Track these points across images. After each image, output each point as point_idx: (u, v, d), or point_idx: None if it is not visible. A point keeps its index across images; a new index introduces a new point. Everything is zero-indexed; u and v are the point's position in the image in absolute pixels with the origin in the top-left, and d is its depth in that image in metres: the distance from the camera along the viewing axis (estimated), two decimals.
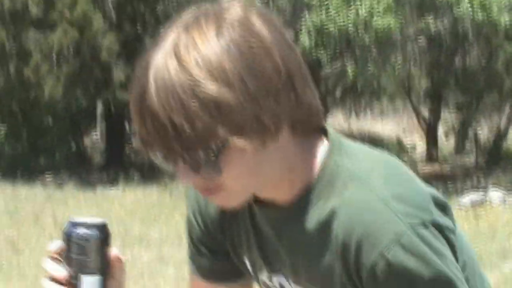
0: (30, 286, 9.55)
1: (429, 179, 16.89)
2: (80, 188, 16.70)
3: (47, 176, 17.98)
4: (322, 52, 17.98)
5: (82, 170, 18.76)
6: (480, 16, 17.55)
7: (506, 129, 21.37)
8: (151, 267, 10.58)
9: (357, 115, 22.09)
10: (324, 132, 1.65)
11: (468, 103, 20.84)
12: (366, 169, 1.62)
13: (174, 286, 9.76)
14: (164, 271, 10.35)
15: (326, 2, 17.89)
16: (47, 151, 19.84)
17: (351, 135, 21.73)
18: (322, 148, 1.64)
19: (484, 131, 21.22)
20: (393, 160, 1.71)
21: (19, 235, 12.39)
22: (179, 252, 10.81)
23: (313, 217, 1.62)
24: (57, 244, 1.58)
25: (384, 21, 17.56)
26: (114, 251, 1.66)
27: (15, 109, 20.46)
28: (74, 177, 17.79)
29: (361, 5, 17.56)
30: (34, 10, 20.07)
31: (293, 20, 18.71)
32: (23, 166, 18.57)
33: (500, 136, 20.79)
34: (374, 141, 22.37)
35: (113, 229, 5.45)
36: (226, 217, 1.77)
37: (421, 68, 20.21)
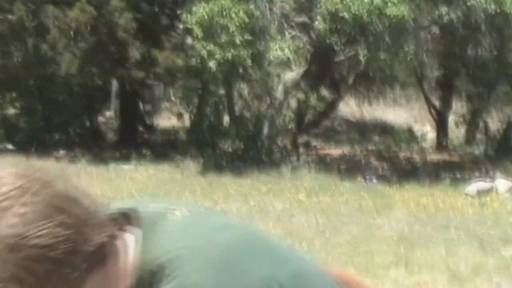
0: None
1: (437, 167, 17.66)
2: (93, 163, 17.17)
3: (61, 151, 18.37)
4: (336, 38, 17.87)
5: (95, 147, 19.10)
6: (492, 7, 17.65)
7: None
8: None
9: (369, 102, 22.50)
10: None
11: (479, 93, 21.05)
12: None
13: None
14: None
15: None
16: (61, 127, 20.10)
17: (363, 122, 22.57)
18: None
19: (494, 121, 21.27)
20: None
21: None
22: None
23: None
24: None
25: (398, 9, 17.54)
26: None
27: (31, 84, 20.64)
28: (88, 153, 18.19)
29: None
30: None
31: (308, 6, 18.66)
32: (37, 141, 18.80)
33: (510, 126, 20.80)
34: (386, 128, 23.02)
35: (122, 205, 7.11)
36: None
37: (433, 57, 20.37)
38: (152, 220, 1.74)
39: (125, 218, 1.71)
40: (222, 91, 18.44)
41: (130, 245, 1.69)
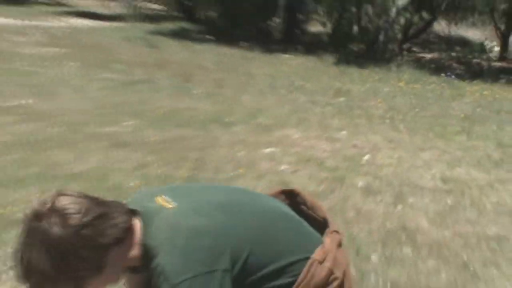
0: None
1: (498, 71, 17.52)
2: (263, 53, 17.08)
3: (241, 43, 18.18)
4: None
5: (266, 42, 18.94)
6: None
7: None
8: (304, 104, 10.70)
9: (455, 23, 22.14)
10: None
11: None
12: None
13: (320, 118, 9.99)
14: (314, 109, 10.42)
15: None
16: (244, 26, 19.96)
17: (449, 37, 22.48)
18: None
19: None
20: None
21: (224, 78, 12.62)
22: (323, 97, 11.56)
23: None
24: None
25: None
26: None
27: None
28: (261, 45, 17.94)
29: None
30: None
31: None
32: (227, 35, 18.82)
33: None
34: (465, 42, 22.78)
35: (282, 81, 8.41)
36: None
37: None
38: (150, 214, 1.96)
39: (134, 212, 1.97)
40: (353, 9, 18.44)
41: (137, 229, 1.93)
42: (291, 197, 2.33)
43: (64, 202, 1.75)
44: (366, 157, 7.63)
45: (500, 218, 5.86)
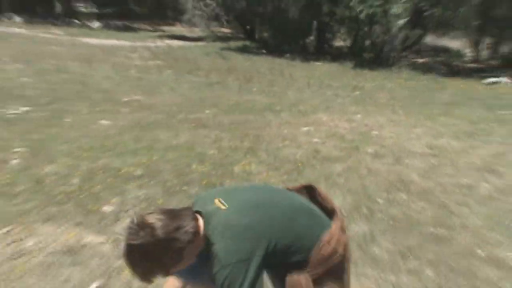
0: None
1: (471, 70, 17.13)
2: (302, 61, 16.80)
3: (286, 55, 17.95)
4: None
5: (303, 53, 18.61)
6: None
7: None
8: (330, 97, 10.68)
9: (440, 36, 21.53)
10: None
11: (495, 34, 19.59)
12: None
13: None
14: (337, 100, 10.26)
15: None
16: (287, 42, 19.41)
17: (435, 46, 22.08)
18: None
19: (504, 48, 20.39)
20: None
21: (274, 80, 12.53)
22: (344, 91, 11.54)
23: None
24: None
25: None
26: None
27: (271, 19, 19.56)
28: (299, 56, 17.74)
29: None
30: None
31: None
32: (276, 50, 18.52)
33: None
34: (447, 50, 22.18)
35: (314, 81, 8.22)
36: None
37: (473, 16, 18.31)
38: (209, 214, 1.99)
39: (199, 213, 2.01)
40: (366, 28, 18.23)
41: (201, 228, 1.96)
42: (310, 191, 2.29)
43: (151, 220, 1.83)
44: (375, 132, 7.61)
45: (470, 173, 5.84)
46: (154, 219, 1.83)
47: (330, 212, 2.20)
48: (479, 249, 3.88)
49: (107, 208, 4.19)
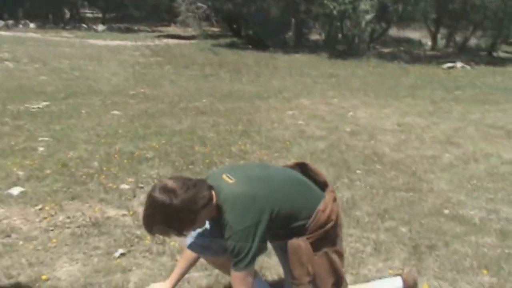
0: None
1: (431, 57, 17.19)
2: (283, 54, 16.56)
3: (270, 49, 17.45)
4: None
5: (284, 47, 18.10)
6: None
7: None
8: (310, 84, 10.70)
9: (402, 29, 21.62)
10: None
11: (451, 25, 19.97)
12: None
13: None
14: (316, 86, 10.23)
15: None
16: (270, 38, 18.55)
17: (398, 37, 22.11)
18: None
19: (459, 36, 20.45)
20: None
21: (260, 71, 12.37)
22: (322, 79, 11.45)
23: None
24: None
25: None
26: None
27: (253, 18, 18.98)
28: (281, 50, 17.28)
29: None
30: None
31: None
32: (260, 45, 17.78)
33: (467, 40, 20.28)
34: (410, 41, 22.25)
35: (296, 70, 8.23)
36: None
37: (432, 10, 18.62)
38: (220, 187, 1.97)
39: (211, 186, 1.98)
40: (338, 23, 18.15)
41: (214, 197, 1.96)
42: (302, 167, 2.26)
43: (173, 183, 1.85)
44: (350, 113, 7.68)
45: (434, 145, 5.94)
46: (176, 184, 1.84)
47: (322, 185, 2.20)
48: (445, 209, 3.97)
49: (124, 186, 4.22)
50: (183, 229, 1.92)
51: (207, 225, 2.10)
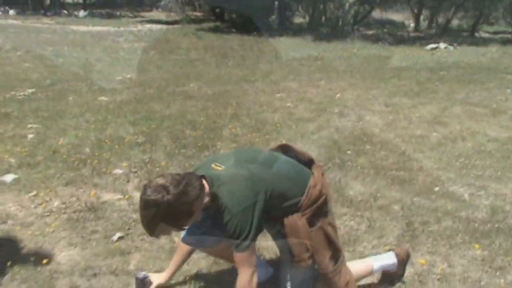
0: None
1: (415, 38, 17.26)
2: (267, 38, 16.20)
3: (253, 33, 17.00)
4: None
5: (268, 30, 17.66)
6: None
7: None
8: (297, 66, 10.84)
9: (385, 10, 21.77)
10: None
11: (432, 6, 20.11)
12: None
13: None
14: (303, 69, 10.69)
15: None
16: (254, 22, 18.97)
17: (381, 19, 22.14)
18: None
19: (441, 17, 20.58)
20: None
21: (246, 55, 12.41)
22: (308, 61, 11.52)
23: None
24: None
25: None
26: None
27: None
28: (265, 33, 16.85)
29: None
30: None
31: None
32: (244, 29, 17.55)
33: (449, 21, 20.34)
34: (393, 23, 22.33)
35: (281, 53, 8.14)
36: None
37: None
38: (211, 175, 1.99)
39: (202, 176, 1.99)
40: (321, 6, 18.09)
41: (206, 186, 1.97)
42: (284, 149, 2.29)
43: (162, 181, 1.84)
44: (338, 95, 7.71)
45: (422, 125, 6.01)
46: (165, 181, 1.84)
47: (307, 163, 2.23)
48: (435, 186, 4.04)
49: (118, 171, 4.22)
50: (182, 223, 1.93)
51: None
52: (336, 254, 2.18)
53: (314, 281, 2.18)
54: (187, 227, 2.05)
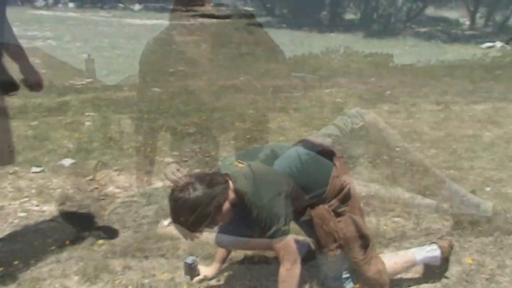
0: None
1: (470, 37, 16.80)
2: (318, 33, 16.54)
3: (303, 28, 17.58)
4: None
5: (318, 26, 18.14)
6: None
7: None
8: (345, 58, 11.26)
9: (439, 8, 21.20)
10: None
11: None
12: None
13: None
14: (351, 66, 11.13)
15: None
16: (304, 17, 19.43)
17: (436, 18, 21.50)
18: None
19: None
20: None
21: (296, 48, 12.61)
22: (358, 58, 12.05)
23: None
24: None
25: None
26: None
27: None
28: (315, 29, 17.91)
29: None
30: None
31: None
32: (294, 24, 18.22)
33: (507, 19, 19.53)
34: (446, 20, 21.76)
35: (332, 48, 7.97)
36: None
37: None
38: (235, 173, 2.03)
39: (226, 175, 2.04)
40: (374, 3, 17.83)
41: (231, 184, 2.01)
42: (307, 143, 2.31)
43: (187, 181, 1.91)
44: (388, 92, 7.59)
45: (474, 124, 5.84)
46: (190, 179, 1.91)
47: (328, 155, 2.24)
48: (487, 186, 3.93)
49: (169, 159, 4.33)
50: (214, 220, 1.97)
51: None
52: (366, 242, 2.18)
53: (344, 270, 2.19)
54: (217, 226, 2.11)
